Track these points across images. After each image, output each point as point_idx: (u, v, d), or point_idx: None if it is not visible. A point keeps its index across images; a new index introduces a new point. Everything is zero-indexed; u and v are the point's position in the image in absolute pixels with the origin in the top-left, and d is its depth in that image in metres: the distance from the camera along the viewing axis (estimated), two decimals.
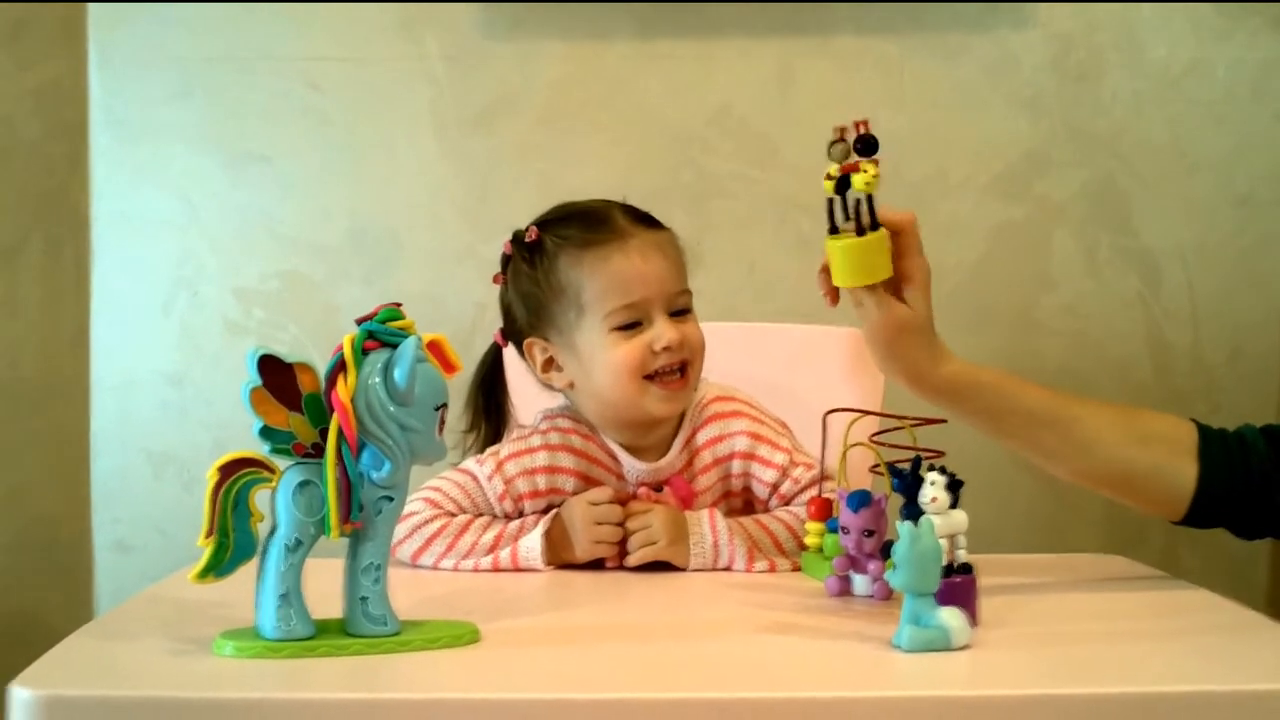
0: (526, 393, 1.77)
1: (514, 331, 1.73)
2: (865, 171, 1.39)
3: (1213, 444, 1.55)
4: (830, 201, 1.43)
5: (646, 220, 1.69)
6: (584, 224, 1.68)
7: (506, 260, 1.73)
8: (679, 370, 1.64)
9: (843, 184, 1.40)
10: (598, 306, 1.64)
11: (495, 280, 1.74)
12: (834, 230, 1.44)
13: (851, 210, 1.42)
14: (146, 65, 2.51)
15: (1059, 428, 1.54)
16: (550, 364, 1.70)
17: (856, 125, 1.39)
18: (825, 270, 1.49)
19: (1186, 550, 2.41)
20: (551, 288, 1.66)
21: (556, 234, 1.68)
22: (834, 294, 1.51)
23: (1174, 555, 2.40)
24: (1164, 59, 2.46)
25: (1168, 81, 2.46)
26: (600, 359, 1.64)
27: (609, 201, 1.71)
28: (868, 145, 1.38)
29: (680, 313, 1.66)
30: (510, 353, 1.76)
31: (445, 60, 2.48)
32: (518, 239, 1.72)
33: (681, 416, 1.70)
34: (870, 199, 1.42)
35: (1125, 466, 1.55)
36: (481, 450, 1.74)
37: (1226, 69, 2.46)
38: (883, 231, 1.44)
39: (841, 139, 1.40)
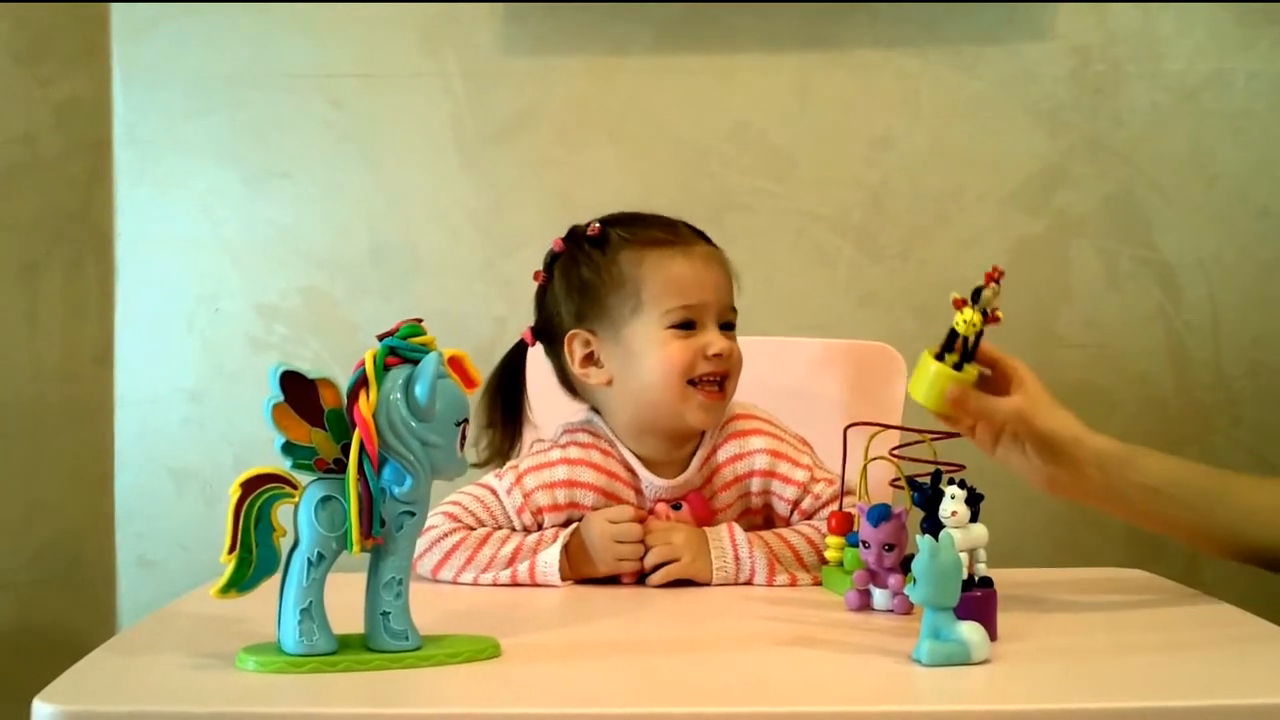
0: (548, 399, 1.77)
1: (552, 327, 1.72)
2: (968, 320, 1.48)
3: None
4: (958, 335, 1.49)
5: (706, 238, 1.73)
6: (651, 225, 1.71)
7: (555, 257, 1.72)
8: (719, 382, 1.65)
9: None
10: (657, 303, 1.65)
11: (536, 277, 1.74)
12: (941, 356, 1.50)
13: (971, 344, 1.49)
14: (168, 82, 2.52)
15: (1217, 507, 1.52)
16: (590, 359, 1.69)
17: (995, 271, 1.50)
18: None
19: (1208, 564, 2.40)
20: (612, 278, 1.67)
21: (622, 230, 1.70)
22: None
23: (1196, 569, 2.39)
24: (1183, 71, 2.46)
25: (1187, 93, 2.46)
26: (651, 355, 1.65)
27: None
28: (974, 295, 1.48)
29: (727, 327, 1.68)
30: (533, 357, 1.76)
31: (464, 76, 2.49)
32: (575, 234, 1.72)
33: (701, 433, 1.70)
34: (975, 339, 1.49)
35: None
36: (493, 453, 1.74)
37: (1246, 80, 2.45)
38: (971, 373, 1.49)
39: (993, 281, 1.50)
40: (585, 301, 1.69)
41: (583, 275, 1.69)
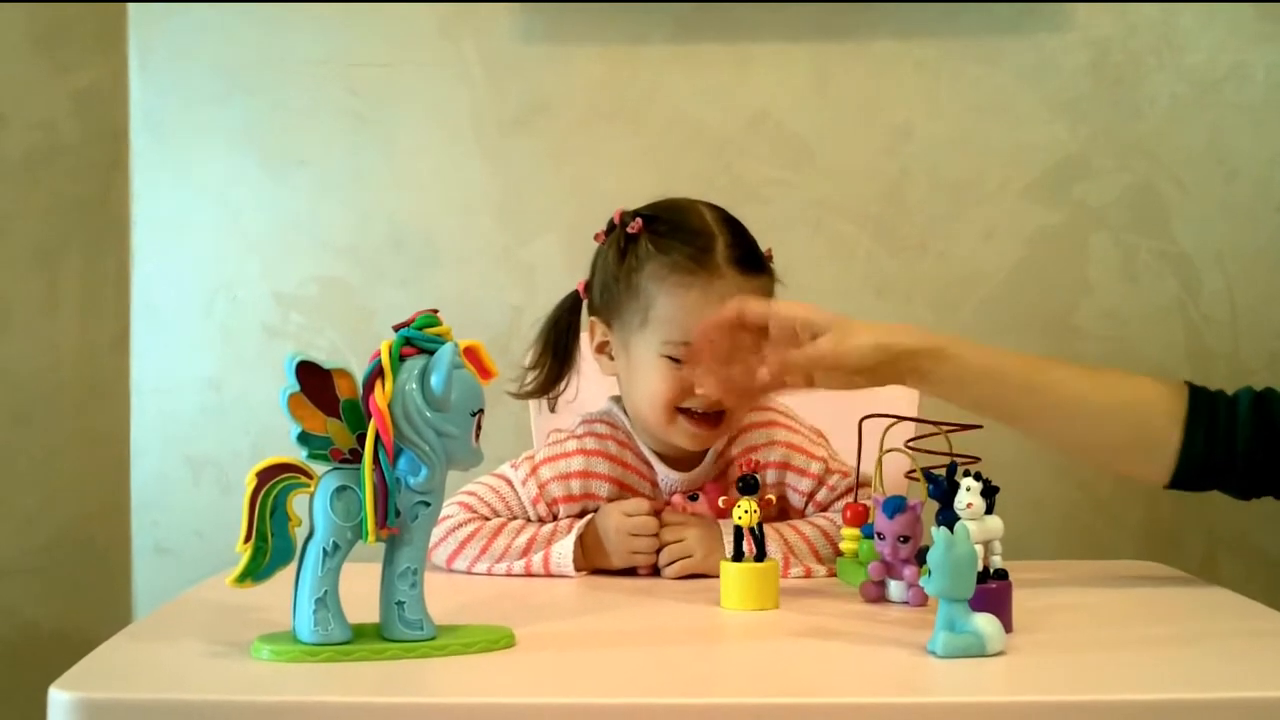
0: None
1: (589, 300, 1.73)
2: (746, 509, 1.46)
3: (1200, 418, 1.53)
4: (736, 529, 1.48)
5: (746, 263, 1.66)
6: (685, 244, 1.64)
7: (611, 227, 1.71)
8: (714, 413, 1.64)
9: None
10: (660, 329, 1.63)
11: (596, 238, 1.73)
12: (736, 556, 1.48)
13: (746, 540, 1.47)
14: (186, 69, 2.52)
15: (1035, 394, 1.53)
16: (604, 348, 1.70)
17: (740, 466, 1.50)
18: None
19: (1226, 557, 2.39)
20: (630, 287, 1.65)
21: (655, 240, 1.65)
22: None
23: (1213, 562, 2.39)
24: (1203, 63, 2.45)
25: (1207, 86, 2.45)
26: (645, 376, 1.64)
27: (722, 222, 1.68)
28: (748, 485, 1.46)
29: None
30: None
31: (483, 64, 2.49)
32: (623, 221, 1.69)
33: None
34: (758, 530, 1.46)
35: (1104, 437, 1.55)
36: (541, 389, 1.73)
37: (1266, 73, 2.44)
38: (772, 563, 1.46)
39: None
40: (605, 297, 1.69)
41: (610, 271, 1.68)
